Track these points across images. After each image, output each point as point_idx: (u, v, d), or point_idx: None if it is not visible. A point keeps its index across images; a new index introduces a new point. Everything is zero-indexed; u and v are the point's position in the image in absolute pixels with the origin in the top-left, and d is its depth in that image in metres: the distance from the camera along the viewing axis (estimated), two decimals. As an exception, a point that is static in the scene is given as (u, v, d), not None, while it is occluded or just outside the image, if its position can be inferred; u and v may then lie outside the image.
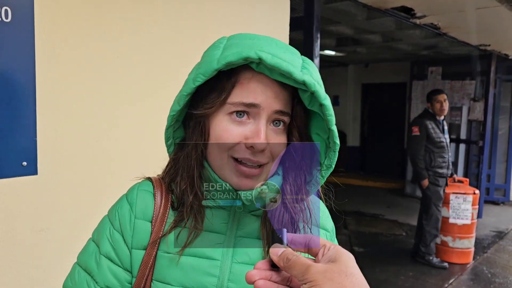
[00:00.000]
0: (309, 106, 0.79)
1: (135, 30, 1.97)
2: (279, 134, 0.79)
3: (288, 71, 0.72)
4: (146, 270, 0.80)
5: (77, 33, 1.78)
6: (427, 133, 4.58)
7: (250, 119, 0.77)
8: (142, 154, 2.03)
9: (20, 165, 1.63)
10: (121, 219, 0.84)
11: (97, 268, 0.82)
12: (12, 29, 1.57)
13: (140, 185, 0.89)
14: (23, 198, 1.67)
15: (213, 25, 2.29)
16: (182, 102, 0.80)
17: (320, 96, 0.75)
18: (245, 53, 0.72)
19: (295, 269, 0.57)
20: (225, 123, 0.77)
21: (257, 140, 0.74)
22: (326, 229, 0.92)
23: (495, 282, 4.44)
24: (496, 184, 8.07)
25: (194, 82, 0.76)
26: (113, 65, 1.90)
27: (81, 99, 1.81)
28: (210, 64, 0.75)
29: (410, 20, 4.33)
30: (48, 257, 1.76)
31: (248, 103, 0.75)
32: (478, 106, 6.94)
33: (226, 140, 0.77)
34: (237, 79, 0.77)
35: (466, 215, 4.78)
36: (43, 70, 1.68)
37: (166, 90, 2.10)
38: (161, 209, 0.83)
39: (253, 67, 0.75)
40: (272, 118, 0.77)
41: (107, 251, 0.83)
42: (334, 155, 0.81)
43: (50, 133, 1.72)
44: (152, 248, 0.81)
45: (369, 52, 7.67)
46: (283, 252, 0.59)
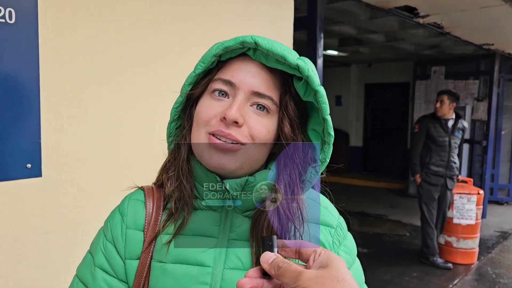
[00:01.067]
0: (304, 96, 0.79)
1: (139, 31, 1.96)
2: (261, 116, 0.77)
3: (282, 55, 0.73)
4: (142, 280, 0.80)
5: (81, 35, 1.77)
6: (427, 132, 4.67)
7: (229, 98, 0.77)
8: (147, 157, 2.02)
9: (24, 167, 1.62)
10: (113, 230, 0.84)
11: (92, 280, 0.82)
12: (16, 31, 1.56)
13: (132, 194, 0.89)
14: (27, 200, 1.67)
15: (217, 25, 2.28)
16: (184, 92, 0.81)
17: (313, 81, 0.74)
18: (241, 38, 0.75)
19: (286, 276, 0.56)
20: (206, 100, 0.78)
21: (229, 110, 0.73)
22: (329, 225, 0.87)
23: (499, 282, 4.42)
24: (500, 184, 8.04)
25: (195, 70, 0.79)
26: (118, 67, 1.90)
27: (85, 101, 1.81)
28: (209, 52, 0.78)
29: (413, 20, 4.31)
30: (52, 260, 1.75)
31: (225, 79, 0.76)
32: (481, 106, 6.91)
33: (203, 115, 0.77)
34: (224, 64, 0.79)
35: (470, 215, 4.76)
36: (47, 71, 1.67)
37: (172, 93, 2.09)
38: (152, 217, 0.82)
39: (249, 55, 0.77)
40: (251, 100, 0.76)
41: (101, 262, 0.82)
42: (329, 148, 0.80)
43: (54, 135, 1.72)
44: (145, 257, 0.80)
45: (372, 52, 7.66)
46: (273, 259, 0.59)
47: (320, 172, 0.82)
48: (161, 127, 2.08)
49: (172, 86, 2.07)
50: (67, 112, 1.75)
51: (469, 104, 7.14)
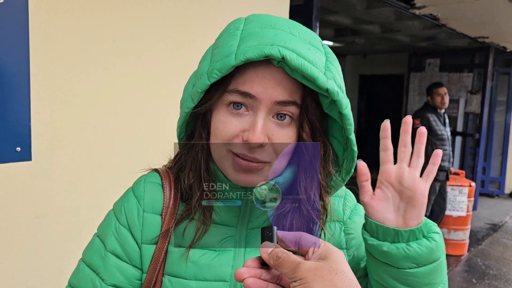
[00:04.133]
0: (327, 110, 0.74)
1: (133, 15, 1.93)
2: (284, 128, 0.72)
3: (312, 76, 0.65)
4: (158, 265, 0.78)
5: (73, 17, 1.74)
6: (429, 126, 4.56)
7: (248, 111, 0.70)
8: (139, 141, 2.00)
9: (14, 151, 1.60)
10: (128, 214, 0.81)
11: (104, 266, 0.79)
12: (5, 11, 1.53)
13: (147, 177, 0.85)
14: (17, 184, 1.65)
15: (213, 11, 2.25)
16: (196, 99, 0.72)
17: (341, 105, 0.69)
18: (267, 51, 0.65)
19: (284, 266, 0.57)
20: (222, 114, 0.72)
21: (252, 134, 0.68)
22: (337, 195, 0.91)
23: (489, 273, 4.47)
24: (491, 177, 8.10)
25: (209, 78, 0.69)
26: (110, 50, 1.87)
27: (77, 84, 1.78)
28: (227, 59, 0.67)
29: (409, 11, 4.29)
30: (43, 244, 1.74)
31: (244, 91, 0.69)
32: (475, 99, 6.93)
33: (222, 132, 0.71)
34: (239, 69, 0.70)
35: (462, 207, 4.80)
36: (38, 53, 1.64)
37: (164, 77, 2.07)
38: (171, 201, 0.80)
39: (273, 63, 0.68)
40: (274, 110, 0.70)
41: (113, 247, 0.80)
42: (353, 162, 0.78)
43: (44, 119, 1.69)
44: (163, 242, 0.78)
45: (367, 43, 7.63)
46: (273, 250, 0.59)
47: (346, 180, 0.81)
48: (153, 111, 2.06)
49: (165, 69, 2.05)
50: (58, 96, 1.73)
51: (462, 97, 7.16)
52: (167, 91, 2.06)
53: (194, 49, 2.13)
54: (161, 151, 0.90)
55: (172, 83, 2.05)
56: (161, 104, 2.07)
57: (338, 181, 0.80)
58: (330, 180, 0.80)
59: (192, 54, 2.08)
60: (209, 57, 0.74)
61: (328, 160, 0.78)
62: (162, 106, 2.07)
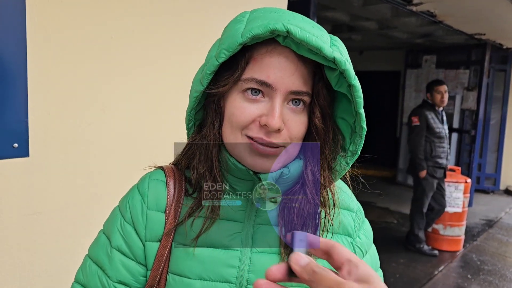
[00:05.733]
0: (336, 86, 0.75)
1: (130, 11, 1.92)
2: (298, 114, 0.74)
3: (317, 46, 0.67)
4: (161, 263, 0.78)
5: (70, 12, 1.73)
6: (427, 124, 4.54)
7: (264, 98, 0.73)
8: (134, 138, 2.00)
9: (11, 147, 1.60)
10: (132, 211, 0.81)
11: (109, 262, 0.79)
12: (2, 7, 1.52)
13: (152, 174, 0.85)
14: (14, 180, 1.65)
15: (211, 7, 2.25)
16: (205, 81, 0.73)
17: (350, 75, 0.70)
18: (272, 25, 0.67)
19: (322, 285, 0.49)
20: (238, 100, 0.73)
21: (271, 119, 0.70)
22: (350, 209, 0.90)
23: (484, 269, 4.50)
24: (486, 173, 8.15)
25: (218, 58, 0.71)
26: (108, 46, 1.86)
27: (74, 80, 1.77)
28: (234, 38, 0.70)
29: (406, 7, 4.29)
30: (40, 241, 1.73)
31: (260, 80, 0.71)
32: (471, 96, 6.95)
33: (239, 118, 0.73)
34: (251, 55, 0.72)
35: (458, 203, 4.82)
36: (35, 48, 1.63)
37: (162, 74, 2.07)
38: (174, 198, 0.80)
39: (279, 41, 0.70)
40: (288, 98, 0.73)
41: (118, 244, 0.80)
42: (361, 141, 0.78)
43: (42, 115, 1.68)
44: (166, 240, 0.78)
45: (364, 40, 7.63)
46: (308, 263, 0.51)
47: (351, 164, 0.81)
48: (150, 108, 2.06)
49: (163, 66, 2.05)
50: (55, 92, 1.72)
51: (459, 93, 7.18)
52: (164, 88, 2.06)
53: (195, 49, 2.13)
54: (157, 148, 0.90)
55: (170, 80, 2.05)
56: (158, 101, 2.06)
57: (343, 164, 0.81)
58: (336, 165, 0.80)
59: (192, 54, 2.08)
60: (216, 45, 0.76)
61: (337, 144, 0.79)
62: (158, 102, 2.07)
